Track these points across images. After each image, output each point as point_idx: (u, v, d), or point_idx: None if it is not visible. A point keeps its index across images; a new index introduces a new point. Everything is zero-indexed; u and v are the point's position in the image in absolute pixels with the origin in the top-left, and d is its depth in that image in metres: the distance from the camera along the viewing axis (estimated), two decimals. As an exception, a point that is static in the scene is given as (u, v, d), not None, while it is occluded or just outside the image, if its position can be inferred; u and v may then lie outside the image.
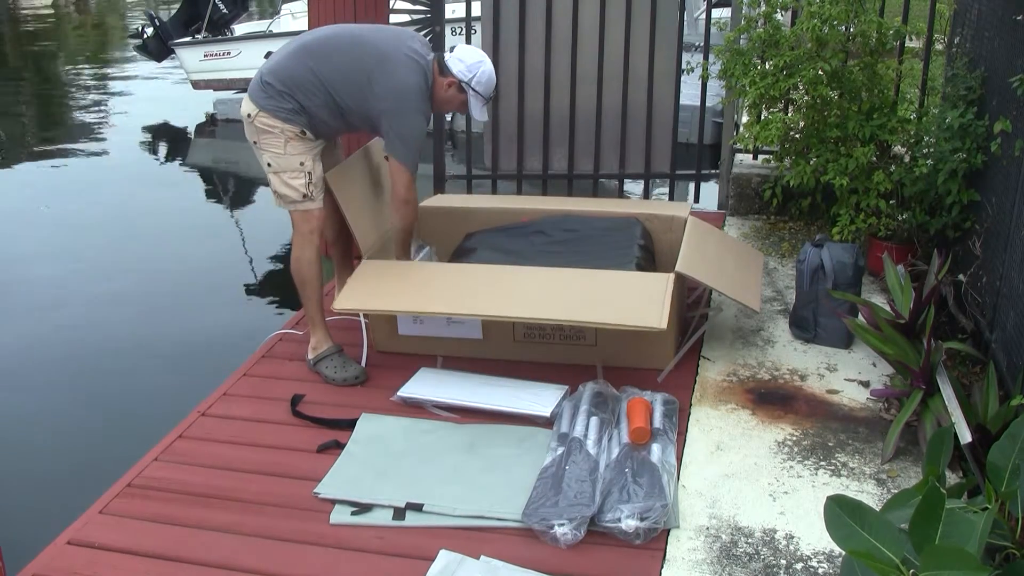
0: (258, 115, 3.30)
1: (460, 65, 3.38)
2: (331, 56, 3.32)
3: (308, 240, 3.41)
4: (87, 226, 7.80)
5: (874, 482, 2.72)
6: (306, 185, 3.35)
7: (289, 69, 3.30)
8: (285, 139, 3.30)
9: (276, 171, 3.35)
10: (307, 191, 3.36)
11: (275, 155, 3.33)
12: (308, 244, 3.41)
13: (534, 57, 5.12)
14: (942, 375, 2.91)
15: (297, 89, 3.27)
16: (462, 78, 3.37)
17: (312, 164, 3.37)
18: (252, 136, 3.37)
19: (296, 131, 3.31)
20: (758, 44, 4.31)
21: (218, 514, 2.67)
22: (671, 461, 2.78)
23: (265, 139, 3.32)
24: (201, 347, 5.44)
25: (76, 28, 22.03)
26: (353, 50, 3.33)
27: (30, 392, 5.04)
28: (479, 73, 3.38)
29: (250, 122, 3.33)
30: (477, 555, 2.45)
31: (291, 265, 3.46)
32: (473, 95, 3.40)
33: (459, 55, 3.40)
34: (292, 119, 3.29)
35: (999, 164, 3.33)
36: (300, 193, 3.35)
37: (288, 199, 3.38)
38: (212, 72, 12.33)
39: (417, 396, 3.21)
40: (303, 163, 3.34)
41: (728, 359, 3.48)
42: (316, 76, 3.28)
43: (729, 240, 4.11)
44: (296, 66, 3.30)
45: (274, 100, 3.27)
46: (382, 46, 3.32)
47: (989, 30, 3.65)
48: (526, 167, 5.34)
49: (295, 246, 3.44)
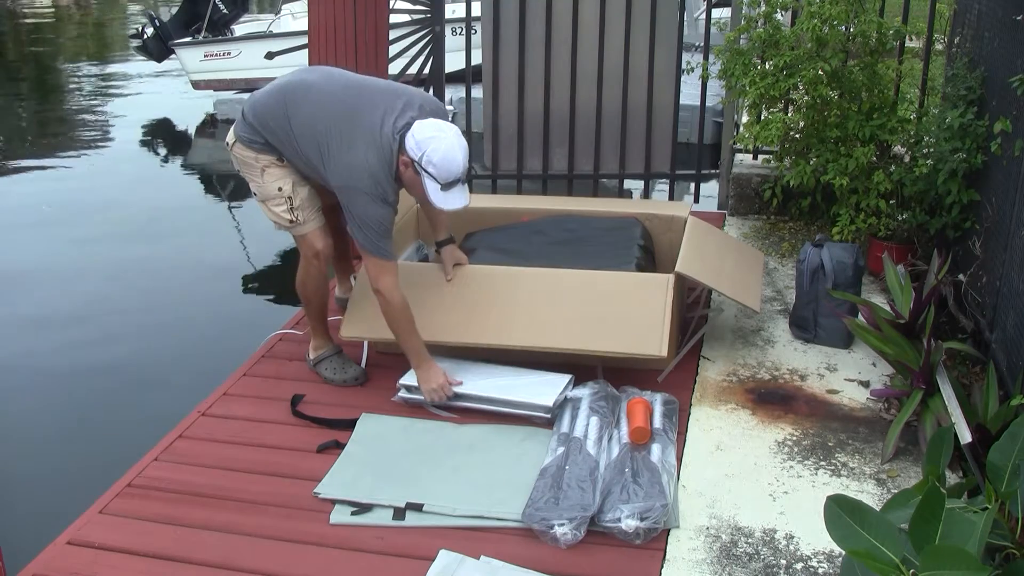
0: (235, 145, 3.21)
1: (411, 140, 2.92)
2: (302, 109, 3.06)
3: (310, 263, 3.31)
4: (87, 226, 7.80)
5: (874, 482, 2.73)
6: (289, 211, 3.21)
7: (263, 107, 3.15)
8: (261, 167, 3.19)
9: (261, 200, 3.27)
10: (292, 216, 3.22)
11: (256, 184, 3.24)
12: (310, 267, 3.32)
13: (534, 57, 5.13)
14: (942, 375, 2.91)
15: (267, 131, 3.13)
16: (412, 156, 2.92)
17: (291, 188, 3.19)
18: (235, 165, 3.29)
19: (271, 159, 3.18)
20: (758, 44, 4.31)
21: (218, 514, 2.67)
22: (671, 461, 2.78)
23: (245, 169, 3.25)
24: (201, 347, 5.44)
25: (77, 27, 22.03)
26: (321, 111, 3.02)
27: (30, 392, 5.04)
28: (428, 151, 2.88)
29: (229, 151, 3.26)
30: (477, 555, 2.45)
31: (296, 283, 3.40)
32: (427, 177, 2.91)
33: (414, 129, 2.93)
34: (266, 150, 3.17)
35: (999, 164, 3.33)
36: (286, 219, 3.23)
37: (279, 225, 3.30)
38: (212, 72, 12.34)
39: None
40: (281, 188, 3.18)
41: (728, 359, 3.48)
42: (287, 123, 3.08)
43: (729, 240, 4.11)
44: (272, 107, 3.12)
45: (248, 133, 3.17)
46: (352, 112, 2.99)
47: (989, 30, 3.65)
48: (526, 167, 5.34)
49: (299, 267, 3.36)
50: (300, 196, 3.22)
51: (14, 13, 23.17)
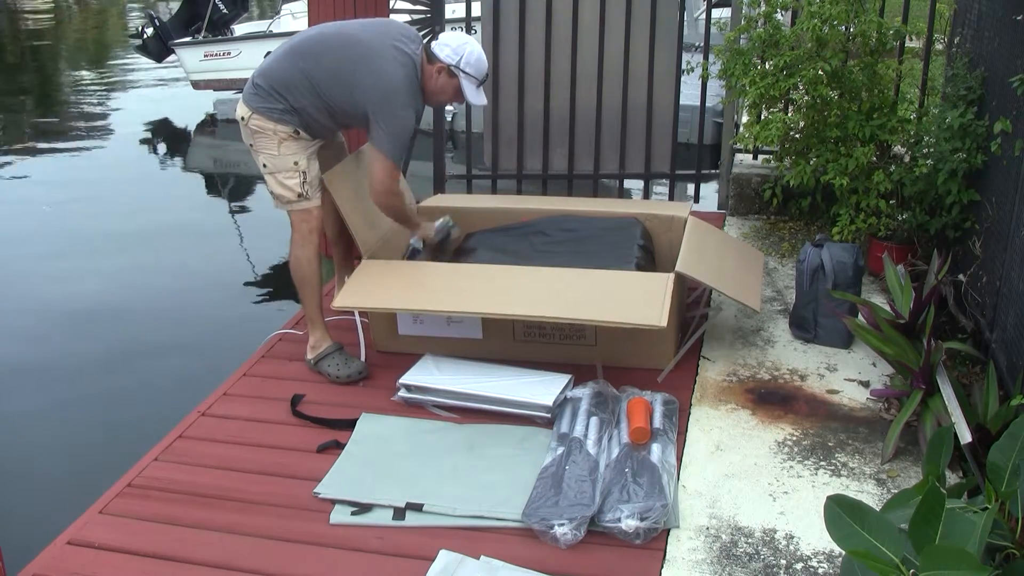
0: (251, 117, 3.32)
1: (446, 49, 3.31)
2: (318, 55, 3.30)
3: (307, 239, 3.42)
4: (88, 225, 7.81)
5: (874, 482, 2.73)
6: (301, 184, 3.35)
7: (278, 70, 3.30)
8: (278, 140, 3.32)
9: (271, 172, 3.37)
10: (302, 190, 3.36)
11: (270, 156, 3.34)
12: (307, 243, 3.42)
13: (534, 57, 5.13)
14: (942, 375, 2.91)
15: (286, 90, 3.27)
16: (450, 62, 3.30)
17: (307, 163, 3.37)
18: (247, 139, 3.39)
19: (289, 131, 3.31)
20: (758, 44, 4.31)
21: (218, 514, 2.67)
22: (671, 461, 2.78)
23: (259, 141, 3.34)
24: (201, 346, 5.44)
25: (77, 27, 22.02)
26: (339, 49, 3.30)
27: (30, 392, 5.04)
28: (466, 54, 3.30)
29: (244, 125, 3.35)
30: (477, 555, 2.45)
31: (290, 264, 3.47)
32: (465, 77, 3.32)
33: (444, 40, 3.35)
34: (284, 119, 3.29)
35: (999, 164, 3.33)
36: (295, 192, 3.36)
37: (284, 199, 3.39)
38: (212, 72, 12.34)
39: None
40: (297, 163, 3.34)
41: (728, 359, 3.48)
42: (305, 76, 3.27)
43: (729, 240, 4.11)
44: (285, 67, 3.30)
45: (265, 102, 3.29)
46: (368, 42, 3.27)
47: (989, 30, 3.65)
48: (526, 167, 5.34)
49: (294, 244, 3.44)
50: (312, 172, 3.39)
51: (12, 11, 23.17)
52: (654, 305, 3.14)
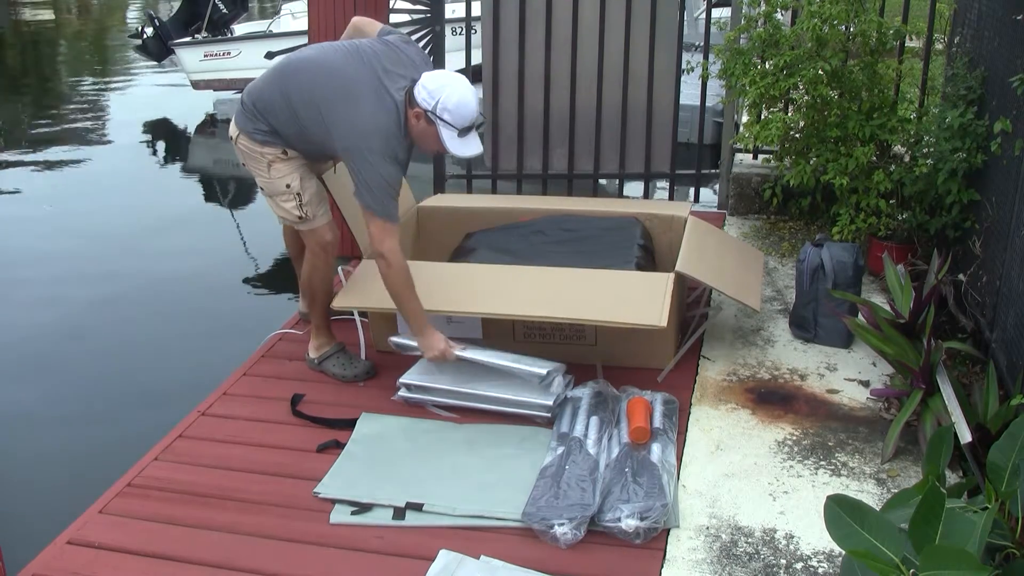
0: (239, 137, 3.20)
1: (423, 92, 2.91)
2: (301, 82, 3.08)
3: (317, 256, 3.31)
4: (88, 225, 7.80)
5: (874, 482, 2.72)
6: (298, 207, 3.20)
7: (262, 91, 3.15)
8: (267, 163, 3.17)
9: (268, 195, 3.27)
10: (301, 212, 3.21)
11: (262, 179, 3.23)
12: (318, 260, 3.32)
13: (534, 57, 5.12)
14: (942, 375, 2.91)
15: (269, 112, 3.12)
16: (425, 107, 2.91)
17: (300, 184, 3.19)
18: (240, 159, 3.27)
19: (276, 153, 3.16)
20: (758, 44, 4.31)
21: (218, 514, 2.67)
22: (671, 461, 2.78)
23: (250, 163, 3.24)
24: (201, 346, 5.44)
25: (77, 30, 22.02)
26: (320, 79, 3.03)
27: (30, 392, 5.04)
28: (443, 98, 2.88)
29: (234, 144, 3.25)
30: (477, 555, 2.45)
31: (302, 277, 3.43)
32: (442, 125, 2.91)
33: (425, 80, 2.94)
34: (268, 141, 3.15)
35: (999, 164, 3.33)
36: (295, 215, 3.23)
37: (287, 221, 3.31)
38: (212, 72, 12.33)
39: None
40: (289, 185, 3.18)
41: (728, 359, 3.48)
42: (286, 100, 3.08)
43: (729, 240, 4.11)
44: (270, 88, 3.14)
45: (251, 122, 3.15)
46: (353, 76, 2.99)
47: (989, 30, 3.65)
48: (526, 167, 5.34)
49: (306, 261, 3.38)
50: (308, 191, 3.23)
51: (13, 13, 23.17)
52: (654, 305, 3.14)
